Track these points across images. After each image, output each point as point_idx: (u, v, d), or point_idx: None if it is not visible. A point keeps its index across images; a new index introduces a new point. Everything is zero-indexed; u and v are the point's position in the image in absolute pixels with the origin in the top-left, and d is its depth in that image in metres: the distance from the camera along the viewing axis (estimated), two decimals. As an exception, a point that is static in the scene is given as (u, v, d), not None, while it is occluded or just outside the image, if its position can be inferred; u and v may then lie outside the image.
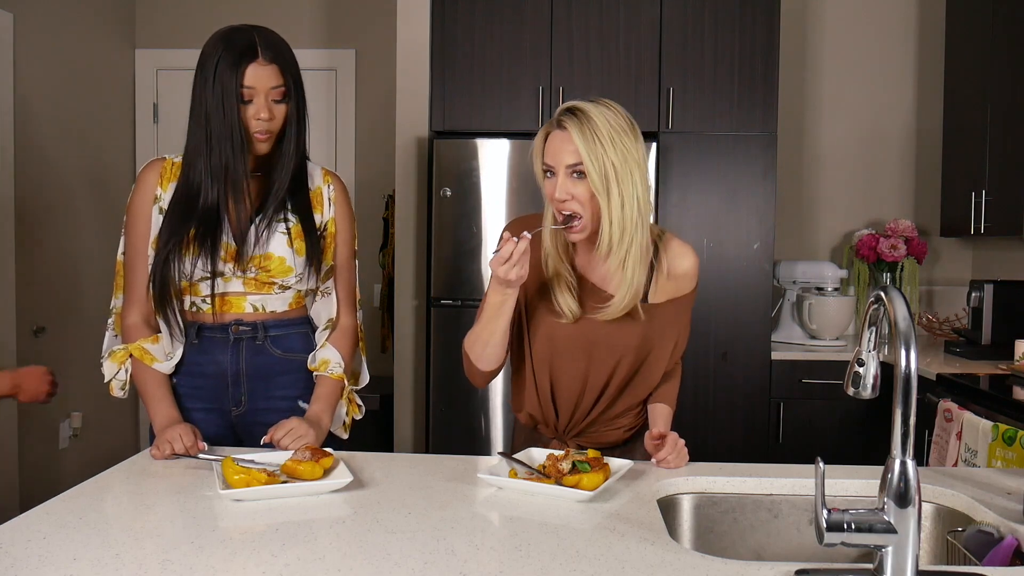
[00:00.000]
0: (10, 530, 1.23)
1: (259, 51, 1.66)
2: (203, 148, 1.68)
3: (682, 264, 1.65)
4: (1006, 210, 3.29)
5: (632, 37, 3.48)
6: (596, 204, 1.54)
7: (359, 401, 1.95)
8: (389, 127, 4.10)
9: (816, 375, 3.49)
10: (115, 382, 1.78)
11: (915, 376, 1.05)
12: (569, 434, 1.76)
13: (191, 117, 1.71)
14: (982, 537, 1.34)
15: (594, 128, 1.50)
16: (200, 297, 1.77)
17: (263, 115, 1.67)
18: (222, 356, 1.79)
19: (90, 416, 3.92)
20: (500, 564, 1.13)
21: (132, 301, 1.78)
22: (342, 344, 1.87)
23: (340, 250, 1.88)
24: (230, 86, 1.64)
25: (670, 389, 1.77)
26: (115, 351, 1.77)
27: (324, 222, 1.85)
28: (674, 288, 1.65)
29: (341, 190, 1.89)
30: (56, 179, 3.72)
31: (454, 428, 3.45)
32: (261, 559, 1.13)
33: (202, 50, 1.70)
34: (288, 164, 1.76)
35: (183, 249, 1.70)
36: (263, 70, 1.66)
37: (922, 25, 4.10)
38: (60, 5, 3.74)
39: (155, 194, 1.75)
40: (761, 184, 3.42)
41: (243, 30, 1.69)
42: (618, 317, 1.61)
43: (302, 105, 1.75)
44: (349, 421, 1.92)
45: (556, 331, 1.66)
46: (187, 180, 1.72)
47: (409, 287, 3.64)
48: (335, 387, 1.83)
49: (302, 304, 1.88)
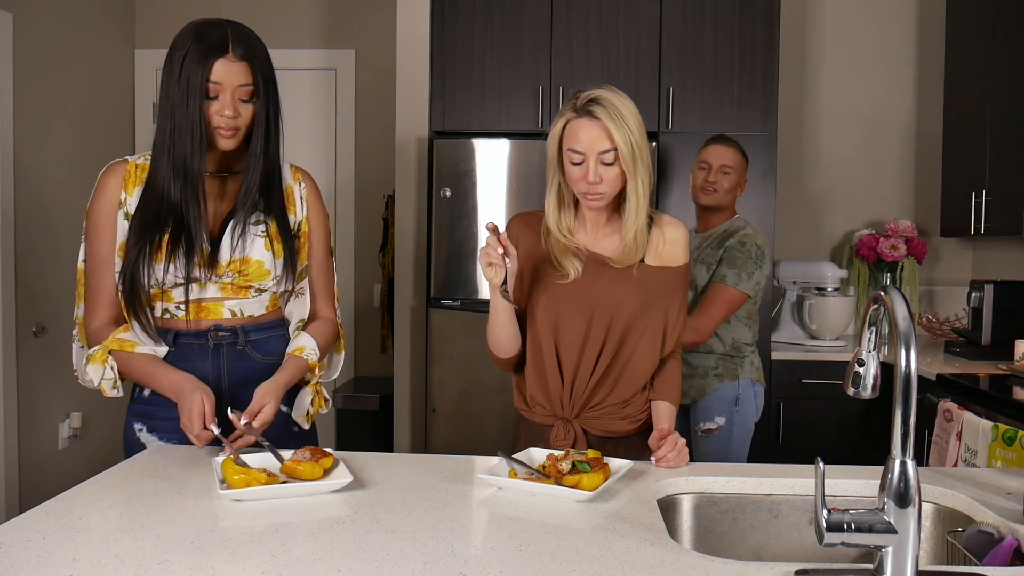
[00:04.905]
0: (10, 530, 1.23)
1: (230, 47, 1.61)
2: (166, 142, 1.63)
3: (674, 232, 1.80)
4: (1006, 210, 3.29)
5: (632, 37, 3.48)
6: (620, 183, 1.69)
7: (326, 395, 1.89)
8: (389, 127, 4.10)
9: (816, 375, 3.49)
10: (104, 383, 1.69)
11: (915, 376, 1.05)
12: (573, 409, 1.78)
13: (159, 111, 1.66)
14: (982, 537, 1.34)
15: (621, 115, 1.65)
16: (174, 304, 1.71)
17: (227, 112, 1.62)
18: (202, 363, 1.73)
19: (90, 416, 3.92)
20: (500, 564, 1.13)
21: (97, 307, 1.71)
22: (319, 333, 1.82)
23: (315, 248, 1.85)
24: (196, 80, 1.59)
25: (672, 387, 1.82)
26: (92, 354, 1.69)
27: (297, 222, 1.81)
28: (668, 255, 1.79)
29: (313, 188, 1.86)
30: (56, 179, 3.72)
31: (453, 428, 3.45)
32: (261, 559, 1.13)
33: (172, 41, 1.64)
34: (257, 165, 1.70)
35: (154, 254, 1.65)
36: (232, 67, 1.61)
37: (922, 25, 4.10)
38: (60, 5, 3.75)
39: (119, 199, 1.69)
40: (761, 184, 3.42)
41: (216, 24, 1.63)
42: (618, 274, 1.75)
43: (273, 105, 1.69)
44: (314, 412, 1.85)
45: (559, 292, 1.76)
46: (155, 178, 1.66)
47: (408, 287, 3.64)
48: (303, 364, 1.76)
49: (278, 306, 1.84)
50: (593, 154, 1.65)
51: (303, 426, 1.84)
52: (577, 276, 1.75)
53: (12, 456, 3.44)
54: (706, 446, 2.60)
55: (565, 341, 1.77)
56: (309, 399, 1.83)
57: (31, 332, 3.55)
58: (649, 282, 1.76)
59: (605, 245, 1.78)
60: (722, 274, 2.54)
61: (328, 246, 1.89)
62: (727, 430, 2.59)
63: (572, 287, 1.75)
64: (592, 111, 1.65)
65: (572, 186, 1.72)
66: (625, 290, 1.75)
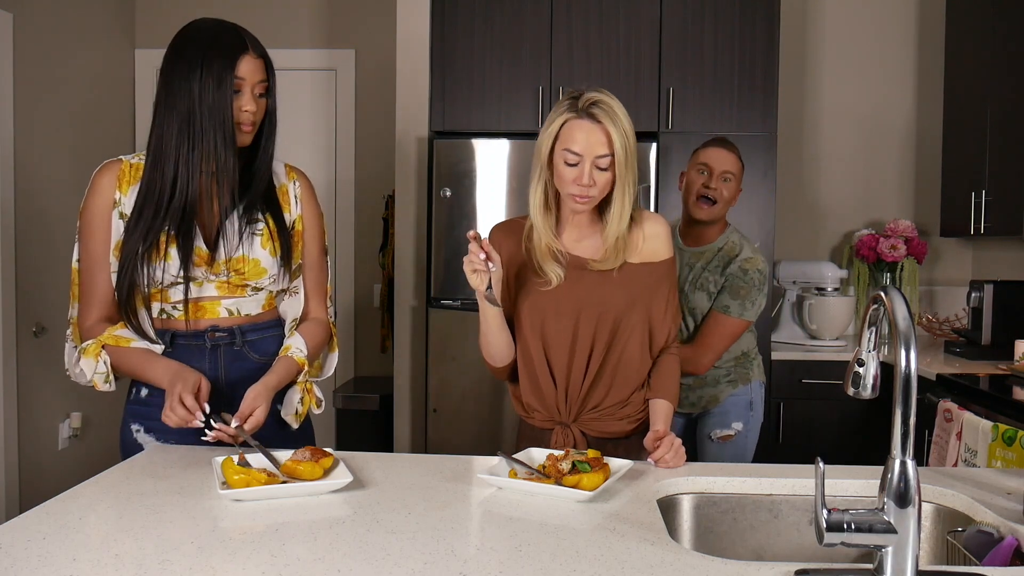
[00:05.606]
0: (10, 530, 1.23)
1: (248, 45, 1.67)
2: (182, 142, 1.64)
3: (654, 227, 1.80)
4: (1006, 210, 3.29)
5: (632, 37, 3.48)
6: (610, 188, 1.69)
7: (319, 395, 1.86)
8: (389, 127, 4.10)
9: (816, 375, 3.49)
10: (97, 376, 1.67)
11: (915, 376, 1.05)
12: (570, 412, 1.78)
13: (162, 109, 1.66)
14: (982, 537, 1.34)
15: (619, 120, 1.65)
16: (171, 304, 1.71)
17: (250, 107, 1.67)
18: (199, 364, 1.72)
19: (90, 416, 3.92)
20: (500, 564, 1.13)
21: (90, 306, 1.71)
22: (309, 333, 1.82)
23: (309, 247, 1.85)
24: (224, 77, 1.62)
25: (670, 385, 1.80)
26: (86, 347, 1.68)
27: (292, 220, 1.82)
28: (650, 251, 1.79)
29: (307, 187, 1.87)
30: (56, 179, 3.72)
31: (453, 428, 3.45)
32: (261, 559, 1.13)
33: (177, 43, 1.66)
34: (268, 160, 1.75)
35: (152, 254, 1.65)
36: (254, 63, 1.66)
37: (922, 25, 4.10)
38: (60, 5, 3.75)
39: (114, 198, 1.69)
40: (761, 184, 3.42)
41: (226, 24, 1.69)
42: (600, 276, 1.76)
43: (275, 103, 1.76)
44: (304, 411, 1.82)
45: (543, 298, 1.76)
46: (158, 178, 1.66)
47: (409, 287, 3.64)
48: (291, 364, 1.75)
49: (274, 306, 1.84)
50: (590, 157, 1.65)
51: (292, 425, 1.82)
52: (560, 282, 1.75)
53: (12, 456, 3.44)
54: (724, 453, 2.55)
55: (553, 346, 1.77)
56: (298, 397, 1.80)
57: (31, 332, 3.55)
58: (633, 280, 1.77)
59: (586, 247, 1.78)
60: (724, 304, 2.41)
61: (322, 245, 1.89)
62: (744, 435, 2.57)
63: (555, 292, 1.75)
64: (594, 114, 1.64)
65: (561, 187, 1.70)
66: (609, 291, 1.75)
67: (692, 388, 2.56)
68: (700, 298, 2.46)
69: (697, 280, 2.48)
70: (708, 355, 2.42)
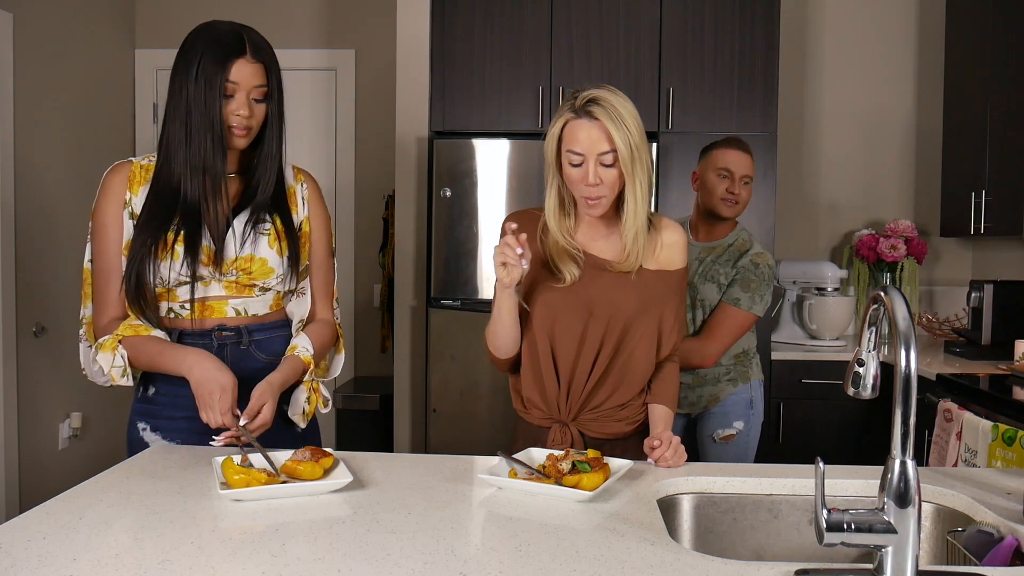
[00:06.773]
0: (10, 530, 1.23)
1: (247, 48, 1.66)
2: (182, 141, 1.65)
3: (672, 235, 1.80)
4: (1006, 210, 3.29)
5: (632, 37, 3.48)
6: (619, 185, 1.68)
7: (326, 394, 1.87)
8: (389, 127, 4.10)
9: (816, 375, 3.49)
10: (115, 370, 1.67)
11: (915, 376, 1.05)
12: (570, 412, 1.78)
13: (169, 109, 1.68)
14: (982, 537, 1.34)
15: (620, 116, 1.63)
16: (179, 303, 1.72)
17: (243, 112, 1.66)
18: None
19: (90, 416, 3.92)
20: (500, 564, 1.13)
21: (105, 306, 1.72)
22: (315, 333, 1.83)
23: (315, 248, 1.86)
24: (215, 79, 1.62)
25: (670, 390, 1.81)
26: (103, 343, 1.68)
27: (299, 221, 1.83)
28: (666, 258, 1.78)
29: (314, 188, 1.88)
30: (56, 179, 3.72)
31: (453, 428, 3.45)
32: (261, 559, 1.13)
33: (185, 41, 1.67)
34: (272, 164, 1.75)
35: (160, 252, 1.66)
36: (249, 67, 1.65)
37: (922, 25, 4.10)
38: (60, 5, 3.75)
39: (124, 198, 1.70)
40: (761, 184, 3.42)
41: (230, 26, 1.69)
42: (616, 278, 1.74)
43: (282, 107, 1.75)
44: (310, 410, 1.83)
45: (555, 294, 1.75)
46: (166, 176, 1.68)
47: (409, 287, 3.64)
48: (298, 364, 1.76)
49: (282, 306, 1.85)
50: (592, 155, 1.64)
51: (299, 425, 1.83)
52: (574, 280, 1.74)
53: (12, 456, 3.44)
54: (726, 453, 2.56)
55: (561, 344, 1.77)
56: (304, 396, 1.81)
57: (31, 332, 3.55)
58: (648, 286, 1.76)
59: (603, 247, 1.78)
60: (735, 297, 2.43)
61: (329, 247, 1.90)
62: (745, 434, 2.57)
63: (569, 290, 1.75)
64: (591, 112, 1.63)
65: (572, 188, 1.71)
66: (622, 294, 1.74)
67: (692, 387, 2.56)
68: (710, 289, 2.49)
69: (708, 272, 2.51)
70: (716, 346, 2.43)
